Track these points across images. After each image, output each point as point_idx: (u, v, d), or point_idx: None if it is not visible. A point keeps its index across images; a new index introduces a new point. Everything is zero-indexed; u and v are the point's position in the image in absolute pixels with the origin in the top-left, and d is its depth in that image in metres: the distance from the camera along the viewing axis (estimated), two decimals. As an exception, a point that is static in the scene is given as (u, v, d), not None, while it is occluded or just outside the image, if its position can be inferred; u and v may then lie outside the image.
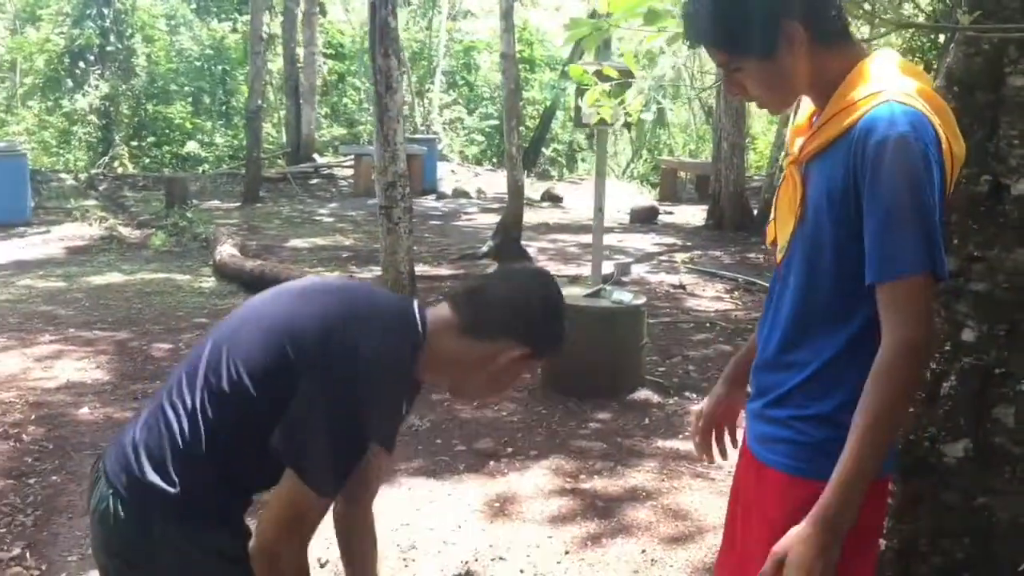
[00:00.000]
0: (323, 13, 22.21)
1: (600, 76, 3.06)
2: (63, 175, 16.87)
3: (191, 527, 1.72)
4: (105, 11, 20.11)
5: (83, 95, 19.88)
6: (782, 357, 1.80)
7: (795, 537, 1.54)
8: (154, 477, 1.70)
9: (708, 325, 7.54)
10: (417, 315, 1.76)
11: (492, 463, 4.71)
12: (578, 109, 4.88)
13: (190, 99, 21.97)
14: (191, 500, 1.70)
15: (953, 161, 1.66)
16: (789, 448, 1.76)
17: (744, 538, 1.92)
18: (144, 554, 1.71)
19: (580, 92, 4.22)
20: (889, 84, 1.63)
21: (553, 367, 5.87)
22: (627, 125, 3.45)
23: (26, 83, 21.66)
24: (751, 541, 1.85)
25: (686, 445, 4.99)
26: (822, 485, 1.60)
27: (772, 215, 1.89)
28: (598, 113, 3.19)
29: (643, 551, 3.83)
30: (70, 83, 20.30)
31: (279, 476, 1.67)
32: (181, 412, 1.73)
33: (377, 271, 6.86)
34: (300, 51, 19.19)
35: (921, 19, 6.47)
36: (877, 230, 1.56)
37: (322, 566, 3.66)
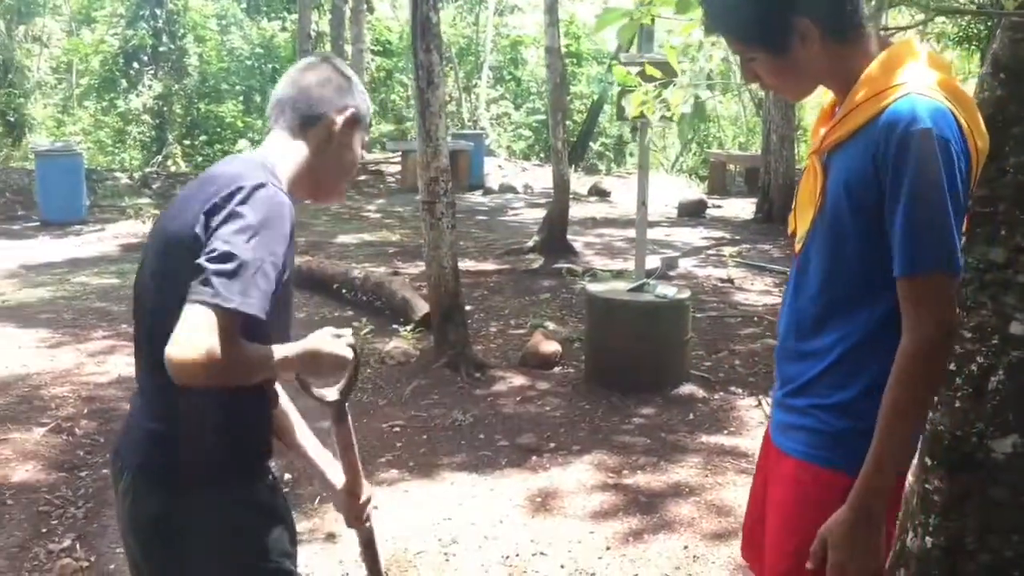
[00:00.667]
0: (370, 10, 22.37)
1: (643, 76, 3.03)
2: (118, 174, 17.19)
3: (214, 487, 1.74)
4: (158, 12, 20.46)
5: (137, 95, 20.25)
6: (803, 346, 1.81)
7: (835, 520, 1.67)
8: (161, 448, 1.74)
9: (756, 320, 7.45)
10: (255, 155, 1.86)
11: (534, 458, 4.70)
12: (620, 104, 4.85)
13: (241, 98, 22.27)
14: (202, 459, 1.72)
15: (977, 155, 1.65)
16: (808, 436, 1.79)
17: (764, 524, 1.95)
18: (174, 530, 1.73)
19: (623, 92, 4.18)
20: (910, 77, 1.62)
21: (597, 361, 5.85)
22: (667, 119, 3.41)
23: (82, 84, 22.15)
24: (768, 526, 1.90)
25: (731, 440, 4.94)
26: (833, 473, 1.73)
27: (793, 205, 1.90)
28: (638, 108, 3.16)
29: (685, 547, 3.80)
30: (124, 83, 20.69)
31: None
32: (149, 375, 1.77)
33: (423, 266, 6.88)
34: (348, 48, 19.34)
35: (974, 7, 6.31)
36: (901, 226, 1.58)
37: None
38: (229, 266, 1.56)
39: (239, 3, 23.86)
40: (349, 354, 1.83)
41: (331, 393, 1.93)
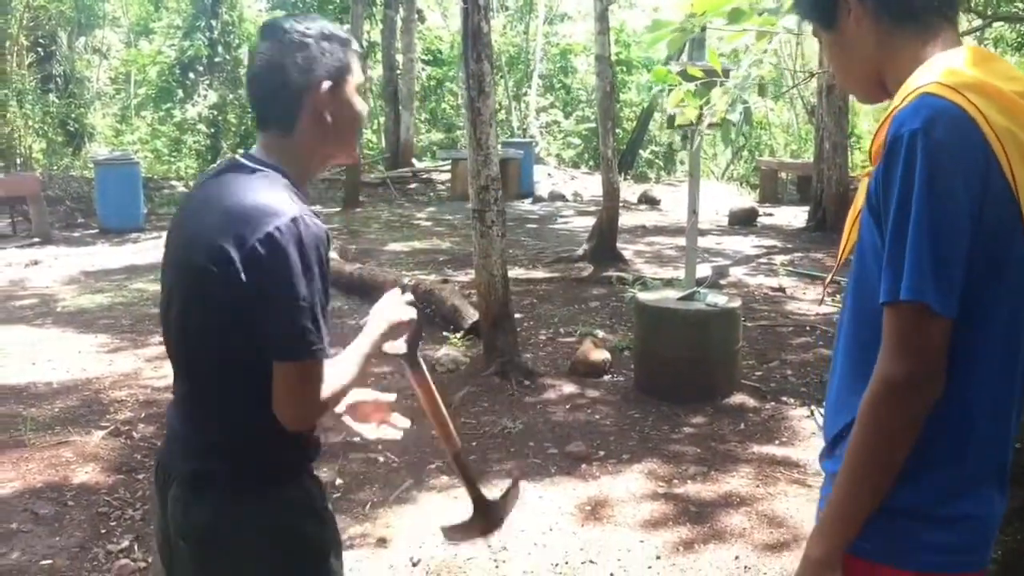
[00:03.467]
0: (421, 20, 22.54)
1: (685, 76, 3.01)
2: (174, 182, 17.55)
3: (262, 490, 1.78)
4: (213, 23, 20.85)
5: (193, 105, 20.63)
6: (836, 399, 1.56)
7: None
8: (208, 456, 1.78)
9: (808, 329, 7.37)
10: (258, 165, 1.79)
11: (584, 466, 4.70)
12: (671, 114, 4.83)
13: (293, 107, 22.54)
14: (250, 464, 1.77)
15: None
16: None
17: None
18: (228, 533, 1.76)
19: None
20: (940, 75, 1.37)
21: (647, 370, 5.83)
22: (715, 126, 3.38)
23: (139, 94, 22.63)
24: None
25: (783, 451, 4.90)
26: (864, 564, 1.46)
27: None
28: (683, 114, 3.14)
29: (736, 557, 3.77)
30: (180, 93, 21.11)
31: None
32: (188, 385, 1.84)
33: (472, 274, 6.92)
34: (399, 58, 19.52)
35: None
36: (886, 247, 1.36)
37: (415, 565, 3.71)
38: (297, 320, 1.65)
39: (293, 14, 24.19)
40: (413, 314, 1.97)
41: (399, 346, 2.01)
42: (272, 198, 1.69)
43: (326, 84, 1.78)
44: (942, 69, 1.39)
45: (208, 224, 1.71)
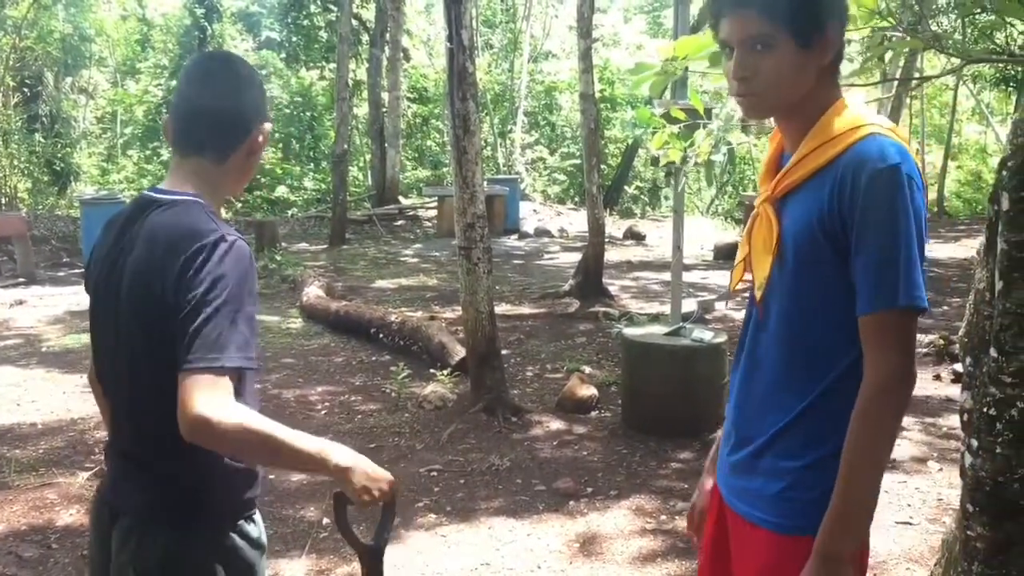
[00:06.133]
0: (407, 58, 22.72)
1: (668, 118, 3.05)
2: (160, 221, 17.46)
3: (215, 525, 1.78)
4: (200, 63, 20.93)
5: (179, 144, 20.66)
6: (767, 400, 1.72)
7: (805, 573, 1.59)
8: (163, 492, 1.78)
9: (793, 363, 7.39)
10: (174, 196, 1.82)
11: (572, 503, 4.69)
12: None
13: (280, 145, 22.64)
14: (203, 499, 1.77)
15: None
16: (782, 505, 1.67)
17: None
18: (181, 570, 1.76)
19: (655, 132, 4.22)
20: (871, 118, 1.62)
21: (634, 405, 5.84)
22: (699, 165, 3.42)
23: (126, 134, 22.68)
24: None
25: (770, 486, 4.90)
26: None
27: (740, 256, 1.85)
28: (667, 156, 3.18)
29: (725, 594, 3.76)
30: (167, 132, 21.16)
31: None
32: (139, 425, 1.82)
33: (459, 310, 6.94)
34: (385, 96, 19.64)
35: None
36: (870, 263, 1.55)
37: None
38: (212, 326, 1.63)
39: (278, 53, 24.36)
40: (389, 487, 1.80)
41: (367, 537, 1.91)
42: (196, 222, 1.75)
43: (268, 125, 1.94)
44: (865, 112, 1.65)
45: (144, 266, 1.75)
